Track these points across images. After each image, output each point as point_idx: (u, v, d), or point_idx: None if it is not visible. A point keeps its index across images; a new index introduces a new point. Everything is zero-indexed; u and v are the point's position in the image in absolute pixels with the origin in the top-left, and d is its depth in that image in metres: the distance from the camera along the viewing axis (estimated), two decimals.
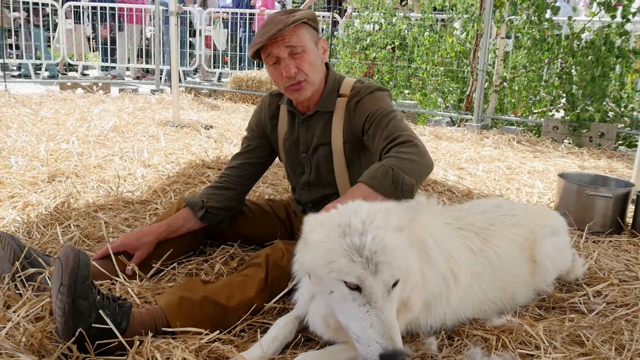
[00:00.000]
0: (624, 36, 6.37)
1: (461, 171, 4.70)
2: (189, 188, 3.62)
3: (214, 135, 5.59)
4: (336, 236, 1.53)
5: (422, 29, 8.22)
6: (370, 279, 1.48)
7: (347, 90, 2.32)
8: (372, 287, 1.48)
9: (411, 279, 1.60)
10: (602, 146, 6.13)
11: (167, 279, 2.29)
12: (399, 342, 1.44)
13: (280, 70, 2.21)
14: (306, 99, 2.29)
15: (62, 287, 1.61)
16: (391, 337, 1.43)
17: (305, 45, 2.20)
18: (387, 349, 1.42)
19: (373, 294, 1.48)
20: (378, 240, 1.51)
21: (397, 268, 1.51)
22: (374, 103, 2.22)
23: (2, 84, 8.26)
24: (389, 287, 1.50)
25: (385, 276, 1.49)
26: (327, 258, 1.52)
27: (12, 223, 2.80)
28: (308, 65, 2.21)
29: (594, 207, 3.23)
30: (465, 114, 7.35)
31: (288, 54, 2.18)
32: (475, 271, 2.00)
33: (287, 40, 2.16)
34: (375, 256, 1.49)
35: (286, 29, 2.13)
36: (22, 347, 1.65)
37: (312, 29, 2.26)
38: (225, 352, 1.70)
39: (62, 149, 4.41)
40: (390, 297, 1.51)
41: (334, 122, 2.32)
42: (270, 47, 2.19)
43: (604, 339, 1.91)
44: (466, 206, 2.40)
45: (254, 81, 8.65)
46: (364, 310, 1.48)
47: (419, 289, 1.67)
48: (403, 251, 1.56)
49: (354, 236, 1.52)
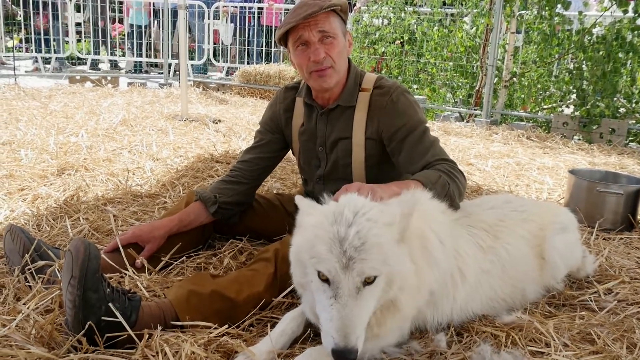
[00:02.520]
0: (636, 31, 6.30)
1: (470, 167, 4.68)
2: (198, 182, 3.63)
3: (223, 129, 5.59)
4: (326, 223, 1.53)
5: (432, 23, 8.18)
6: (340, 274, 1.47)
7: (369, 85, 2.31)
8: (340, 282, 1.47)
9: (398, 278, 1.56)
10: (612, 142, 6.08)
11: (176, 272, 2.30)
12: (352, 340, 1.42)
13: (308, 54, 2.18)
14: (330, 87, 2.26)
15: (73, 279, 1.61)
16: (345, 335, 1.42)
17: (337, 33, 2.19)
18: (338, 345, 1.42)
19: (339, 289, 1.47)
20: (361, 235, 1.48)
21: (371, 267, 1.48)
22: (407, 112, 2.24)
23: (12, 78, 8.30)
24: (358, 284, 1.48)
25: (355, 273, 1.47)
26: (312, 243, 1.53)
27: (21, 216, 2.81)
28: (337, 52, 2.20)
29: (604, 204, 3.21)
30: (474, 109, 7.31)
31: (319, 39, 2.17)
32: (485, 268, 1.98)
33: (320, 24, 2.15)
34: (352, 251, 1.47)
35: (321, 11, 2.12)
36: (32, 339, 1.66)
37: (342, 20, 2.25)
38: (234, 347, 1.70)
39: (71, 142, 4.42)
40: (361, 295, 1.48)
41: (356, 117, 2.30)
42: (302, 30, 2.17)
43: (614, 337, 1.89)
44: (476, 202, 2.38)
45: (263, 75, 8.65)
46: (329, 303, 1.48)
47: (410, 289, 1.62)
48: (386, 250, 1.51)
49: (341, 226, 1.50)
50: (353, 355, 1.42)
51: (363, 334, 1.49)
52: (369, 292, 1.50)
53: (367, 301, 1.50)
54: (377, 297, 1.53)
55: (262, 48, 10.71)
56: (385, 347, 1.74)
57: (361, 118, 2.30)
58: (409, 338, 1.82)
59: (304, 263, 1.58)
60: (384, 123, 2.25)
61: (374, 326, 1.62)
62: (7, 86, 7.72)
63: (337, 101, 2.32)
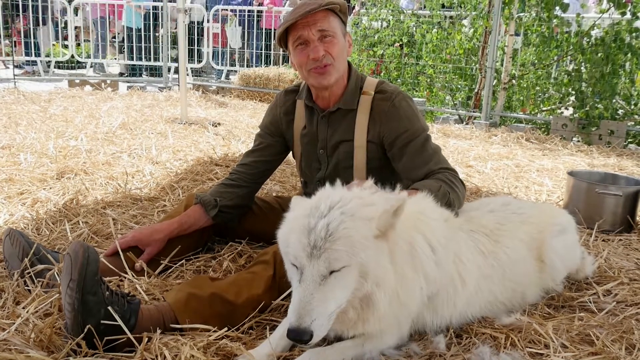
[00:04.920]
0: (634, 33, 6.31)
1: (469, 169, 4.68)
2: (197, 185, 3.63)
3: (222, 133, 5.59)
4: (302, 215, 1.60)
5: (431, 26, 8.19)
6: (305, 262, 1.53)
7: (371, 88, 2.32)
8: (305, 269, 1.54)
9: (373, 273, 1.58)
10: (611, 144, 6.08)
11: (175, 275, 2.30)
12: (306, 321, 1.47)
13: (307, 53, 2.19)
14: (330, 84, 2.26)
15: (72, 282, 1.61)
16: (300, 316, 1.48)
17: (336, 32, 2.21)
18: (292, 325, 1.48)
19: (304, 276, 1.54)
20: (331, 227, 1.54)
21: (336, 258, 1.52)
22: (409, 118, 2.25)
23: (12, 82, 8.31)
24: (323, 272, 1.53)
25: (320, 262, 1.52)
26: (287, 235, 1.62)
27: (21, 219, 2.82)
28: (336, 51, 2.21)
29: (603, 206, 3.21)
30: (473, 111, 7.31)
31: (318, 38, 2.18)
32: (485, 273, 1.98)
33: (319, 23, 2.16)
34: (319, 241, 1.53)
35: (320, 9, 2.13)
36: (31, 343, 1.66)
37: (341, 21, 2.26)
38: (234, 349, 1.70)
39: (70, 146, 4.43)
40: (327, 283, 1.53)
41: (358, 120, 2.31)
42: (301, 29, 2.18)
43: (613, 338, 1.90)
44: (474, 205, 2.39)
45: (262, 78, 8.65)
46: (295, 287, 1.56)
47: (387, 288, 1.62)
48: (356, 242, 1.54)
49: (313, 218, 1.57)
50: (306, 337, 1.47)
51: (325, 321, 1.52)
52: (335, 281, 1.54)
53: (333, 290, 1.54)
54: (347, 288, 1.56)
55: (261, 51, 10.72)
56: (384, 349, 1.75)
57: (363, 121, 2.30)
58: (408, 340, 1.82)
59: (283, 253, 1.66)
60: (385, 128, 2.26)
61: (358, 323, 1.65)
62: (7, 90, 7.74)
63: (338, 104, 2.32)
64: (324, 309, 1.51)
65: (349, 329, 1.69)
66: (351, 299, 1.59)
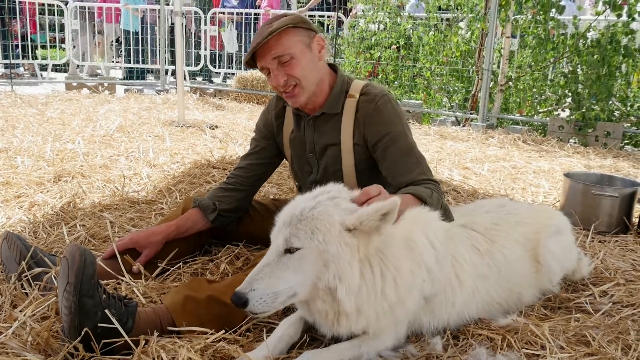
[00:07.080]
0: (630, 35, 6.33)
1: (466, 171, 4.69)
2: (194, 188, 3.63)
3: (219, 135, 5.60)
4: (290, 206, 1.68)
5: (427, 28, 8.21)
6: (273, 236, 1.64)
7: (356, 91, 2.31)
8: (272, 243, 1.63)
9: (334, 264, 1.57)
10: (608, 145, 6.10)
11: (173, 278, 2.30)
12: (244, 287, 1.56)
13: (271, 80, 2.22)
14: (302, 104, 2.27)
15: (69, 285, 1.61)
16: (246, 282, 1.57)
17: (293, 52, 2.15)
18: (236, 289, 1.57)
19: (269, 249, 1.63)
20: (304, 212, 1.61)
21: (295, 235, 1.58)
22: (392, 120, 2.23)
23: (9, 85, 8.30)
24: (279, 249, 1.60)
25: (280, 237, 1.60)
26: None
27: (18, 223, 2.81)
28: (300, 70, 2.17)
29: (600, 207, 3.22)
30: (470, 113, 7.33)
31: (277, 65, 2.16)
32: (482, 273, 1.99)
33: (273, 50, 2.14)
34: (293, 219, 1.61)
35: (265, 40, 2.11)
36: (28, 347, 1.66)
37: (303, 30, 2.19)
38: (231, 352, 1.70)
39: (68, 149, 4.43)
40: (281, 261, 1.59)
41: (344, 123, 2.31)
42: (259, 60, 2.19)
43: (610, 339, 1.90)
44: (470, 207, 2.39)
45: (259, 81, 8.66)
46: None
47: (350, 285, 1.59)
48: (321, 228, 1.58)
49: (299, 204, 1.65)
50: (239, 301, 1.55)
51: (265, 295, 1.55)
52: (290, 262, 1.59)
53: (285, 270, 1.59)
54: (302, 273, 1.59)
55: None
56: (381, 350, 1.75)
57: (348, 124, 2.30)
58: (405, 342, 1.83)
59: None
60: (368, 130, 2.25)
61: (333, 320, 1.65)
62: (4, 93, 7.73)
63: (322, 109, 2.32)
64: (267, 284, 1.57)
65: (334, 328, 1.67)
66: (312, 287, 1.60)
